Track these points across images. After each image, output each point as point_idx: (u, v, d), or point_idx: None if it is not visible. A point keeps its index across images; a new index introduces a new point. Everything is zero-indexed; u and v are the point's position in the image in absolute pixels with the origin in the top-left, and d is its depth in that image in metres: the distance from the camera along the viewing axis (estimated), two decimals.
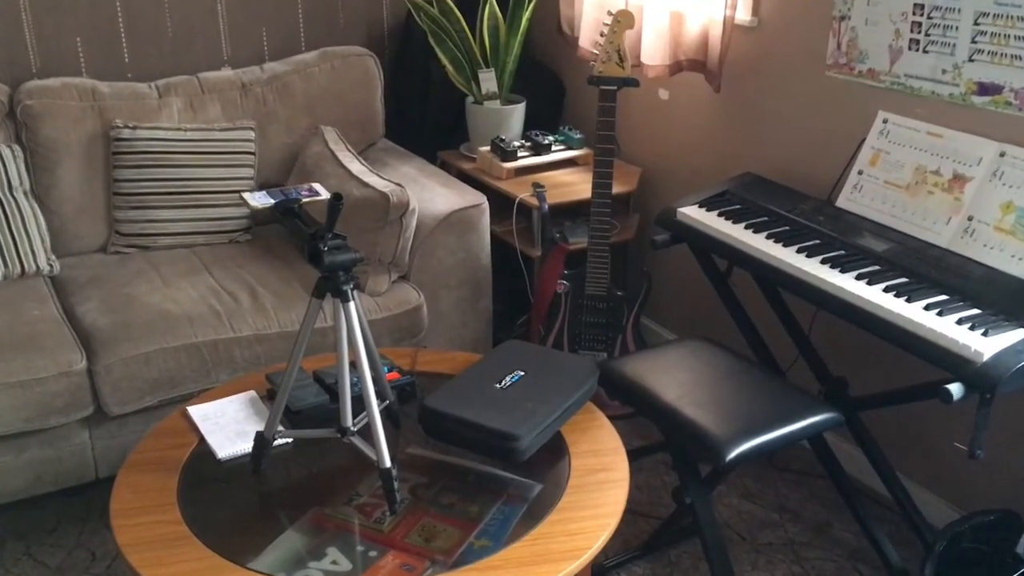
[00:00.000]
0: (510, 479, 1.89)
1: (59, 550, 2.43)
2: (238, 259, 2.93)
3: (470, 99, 3.32)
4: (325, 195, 1.86)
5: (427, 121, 3.58)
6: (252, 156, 3.09)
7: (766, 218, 2.44)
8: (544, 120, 3.48)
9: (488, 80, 3.21)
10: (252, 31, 3.40)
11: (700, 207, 2.54)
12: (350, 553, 1.76)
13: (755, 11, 2.69)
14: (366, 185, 2.81)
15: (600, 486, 1.81)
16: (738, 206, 2.52)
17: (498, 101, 3.25)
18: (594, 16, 3.06)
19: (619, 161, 3.30)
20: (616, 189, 2.99)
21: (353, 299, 1.70)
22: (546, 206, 2.89)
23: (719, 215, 2.48)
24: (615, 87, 2.59)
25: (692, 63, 2.84)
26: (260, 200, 1.82)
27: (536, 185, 3.01)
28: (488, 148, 3.20)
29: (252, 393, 2.10)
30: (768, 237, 2.34)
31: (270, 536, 1.71)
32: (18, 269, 2.78)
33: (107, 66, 3.20)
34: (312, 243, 1.68)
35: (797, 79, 2.62)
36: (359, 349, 1.71)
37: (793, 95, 2.64)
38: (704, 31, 2.77)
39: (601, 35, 2.61)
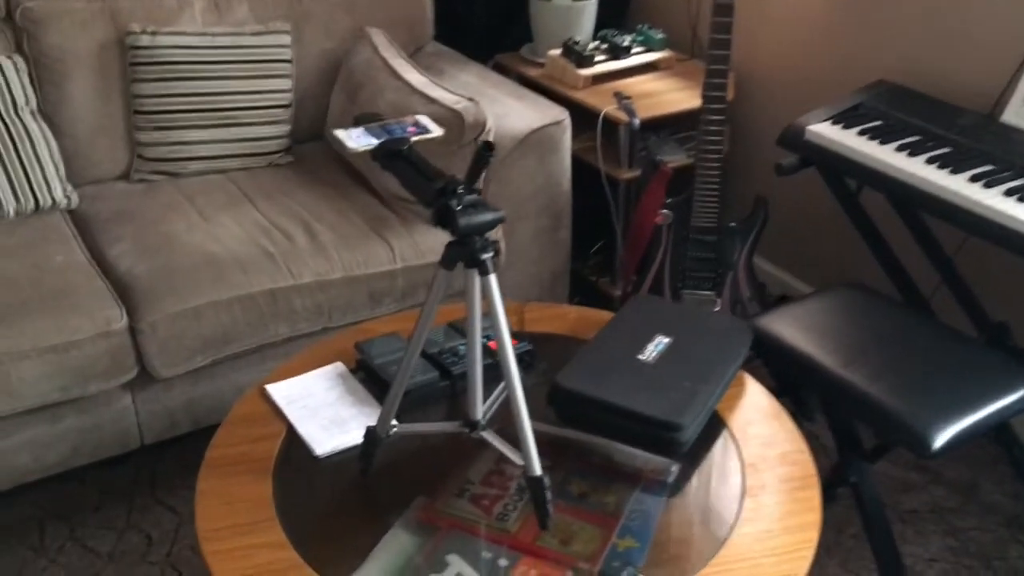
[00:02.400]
0: (644, 458, 1.59)
1: (108, 533, 2.14)
2: (283, 187, 2.55)
3: None
4: (437, 131, 1.49)
5: (477, 18, 3.15)
6: (289, 65, 2.67)
7: (919, 137, 2.09)
8: (608, 17, 3.04)
9: None
10: None
11: (834, 124, 2.17)
12: (475, 561, 1.48)
13: None
14: (432, 101, 2.42)
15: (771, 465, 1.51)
16: (879, 122, 2.16)
17: None
18: None
19: (701, 62, 2.90)
20: (697, 96, 2.63)
21: (493, 271, 1.35)
22: (637, 121, 2.52)
23: (860, 134, 2.12)
24: None
25: None
26: (359, 140, 1.45)
27: (620, 96, 2.62)
28: (559, 52, 2.79)
29: (339, 366, 1.77)
30: (930, 162, 1.99)
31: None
32: (32, 203, 2.39)
33: None
34: (441, 200, 1.32)
35: None
36: (502, 335, 1.37)
37: None
38: None
39: None
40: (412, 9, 2.89)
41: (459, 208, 1.31)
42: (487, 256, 1.33)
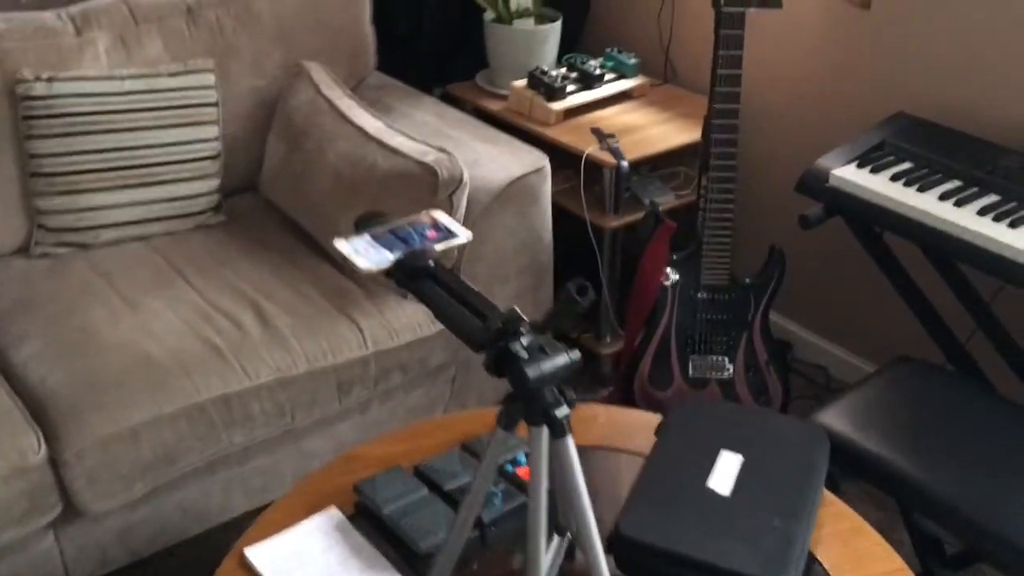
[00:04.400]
0: None
1: None
2: (219, 255, 2.17)
3: (489, 16, 2.57)
4: (464, 235, 1.16)
5: (421, 44, 2.81)
6: (215, 109, 2.29)
7: (959, 182, 1.86)
8: (564, 40, 2.73)
9: None
10: None
11: (859, 167, 1.93)
12: None
13: None
14: (395, 152, 2.08)
15: None
16: (909, 164, 1.92)
17: (531, 20, 2.51)
18: None
19: (675, 87, 2.64)
20: (682, 128, 2.38)
21: (569, 430, 1.03)
22: (625, 164, 2.23)
23: (892, 179, 1.88)
24: (745, 8, 1.91)
25: None
26: (370, 255, 1.11)
27: (601, 133, 2.33)
28: (524, 83, 2.47)
29: (333, 514, 1.42)
30: (982, 213, 1.76)
31: None
32: None
33: None
34: (499, 344, 0.99)
35: None
36: (584, 517, 1.05)
37: (975, 10, 2.00)
38: None
39: None
40: (352, 38, 2.53)
41: (526, 356, 0.99)
42: (563, 413, 1.01)
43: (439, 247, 1.13)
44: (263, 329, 1.92)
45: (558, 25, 2.55)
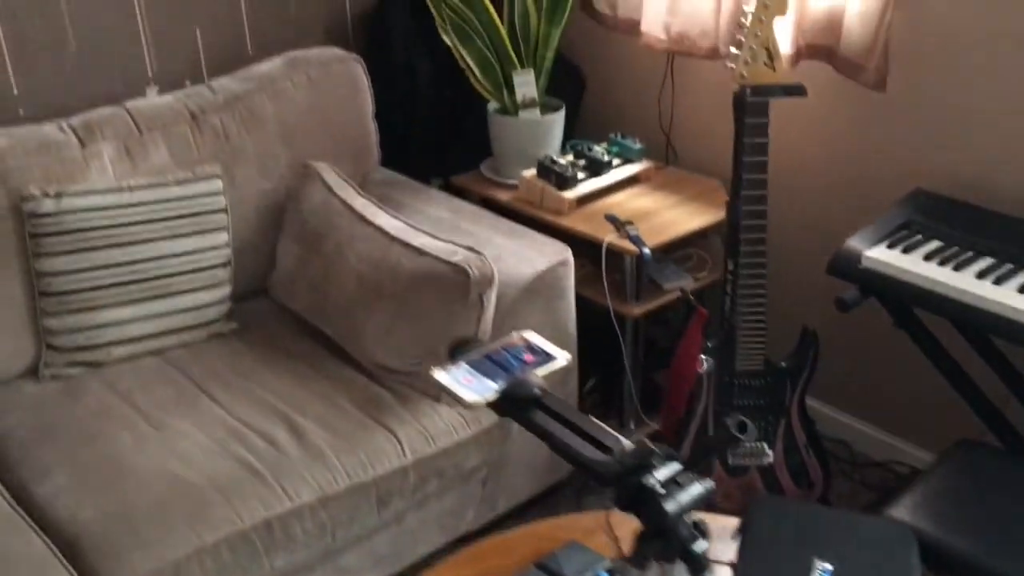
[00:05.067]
0: None
1: None
2: (238, 367, 2.10)
3: (493, 107, 2.57)
4: (562, 357, 1.13)
5: (414, 135, 2.79)
6: (224, 215, 2.23)
7: (992, 259, 1.88)
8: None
9: (525, 84, 2.46)
10: (182, 35, 2.50)
11: (890, 247, 1.94)
12: None
13: None
14: (420, 252, 2.04)
15: None
16: (939, 242, 1.94)
17: (537, 110, 2.51)
18: None
19: (678, 170, 2.65)
20: (695, 211, 2.38)
21: (707, 566, 0.98)
22: (647, 251, 2.22)
23: (926, 259, 1.89)
24: (769, 99, 1.92)
25: (816, 49, 2.21)
26: (474, 387, 1.06)
27: (617, 221, 2.32)
28: (534, 172, 2.46)
29: None
30: (1022, 291, 1.77)
31: None
32: None
33: None
34: (632, 479, 0.95)
35: (1001, 61, 2.00)
36: None
37: (994, 83, 2.03)
38: (835, 6, 2.14)
39: (740, 25, 1.94)
40: (356, 135, 2.50)
41: (663, 490, 0.94)
42: (702, 548, 0.97)
43: (540, 372, 1.09)
44: (300, 446, 1.85)
45: (562, 114, 2.56)
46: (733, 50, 1.95)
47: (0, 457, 1.85)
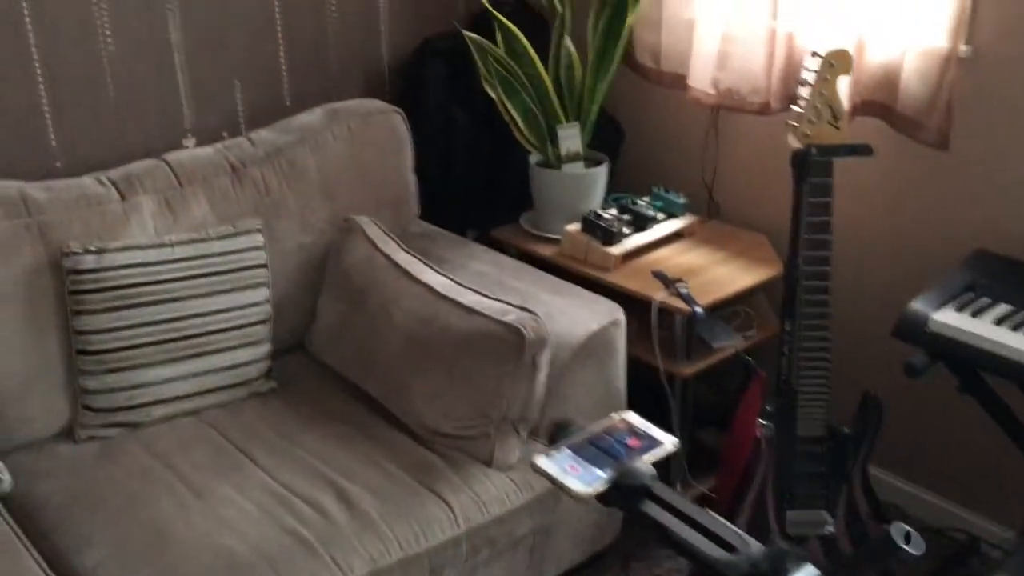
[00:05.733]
0: None
1: None
2: (280, 427, 2.03)
3: (535, 159, 2.53)
4: (669, 442, 1.06)
5: (450, 187, 2.75)
6: (265, 270, 2.18)
7: None
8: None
9: (570, 137, 2.42)
10: (221, 87, 2.46)
11: (959, 311, 1.89)
12: None
13: (969, 38, 2.04)
14: (471, 311, 1.98)
15: None
16: (1009, 306, 1.89)
17: (581, 163, 2.47)
18: (713, 48, 2.34)
19: (721, 223, 2.61)
20: (744, 268, 2.33)
21: None
22: (700, 310, 2.16)
23: (996, 323, 1.84)
24: (832, 159, 1.88)
25: (871, 106, 2.18)
26: (583, 477, 1.00)
27: (665, 278, 2.27)
28: (578, 227, 2.42)
29: None
30: None
31: None
32: None
33: (25, 154, 2.19)
34: None
35: None
36: None
37: None
38: (894, 63, 2.11)
39: (801, 84, 1.90)
40: (396, 188, 2.46)
41: None
42: None
43: (647, 458, 1.03)
44: (350, 514, 1.78)
45: (606, 168, 2.52)
46: (795, 108, 1.91)
47: (37, 524, 1.77)
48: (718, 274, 2.34)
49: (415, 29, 2.72)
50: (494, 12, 2.36)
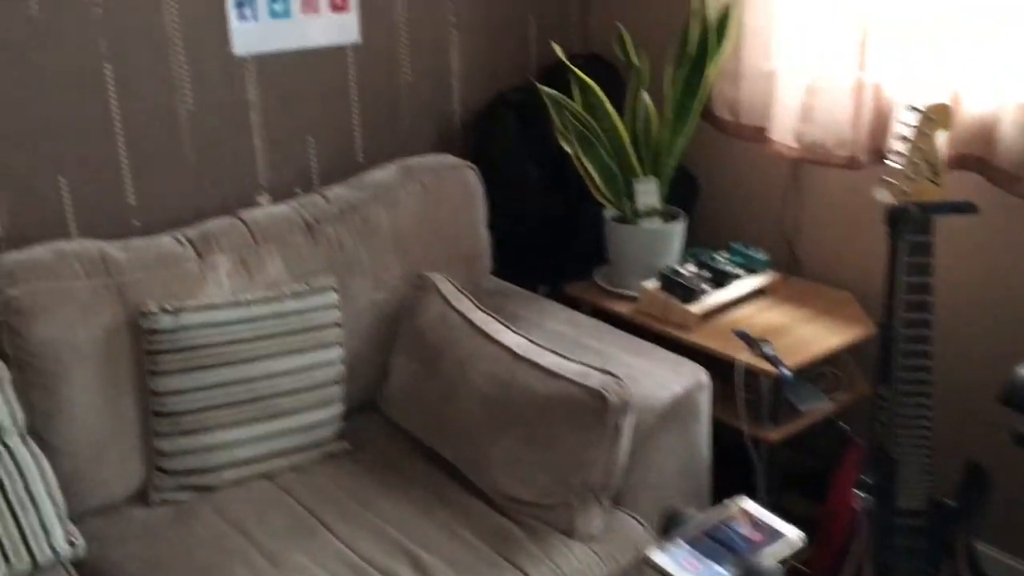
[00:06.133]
0: None
1: None
2: (354, 492, 1.98)
3: (611, 214, 2.47)
4: (795, 536, 0.99)
5: (522, 242, 2.70)
6: (339, 329, 2.15)
7: None
8: None
9: (648, 192, 2.37)
10: (295, 144, 2.46)
11: None
12: None
13: None
14: (551, 374, 1.92)
15: None
16: None
17: (658, 218, 2.41)
18: (796, 100, 2.27)
19: (803, 280, 2.52)
20: (831, 327, 2.23)
21: None
22: (787, 371, 2.07)
23: None
24: (933, 216, 1.79)
25: (966, 159, 2.09)
26: (701, 572, 0.93)
27: (749, 338, 2.19)
28: (657, 284, 2.35)
29: None
30: None
31: None
32: (27, 562, 1.75)
33: (104, 213, 2.20)
34: None
35: None
36: None
37: None
38: (989, 116, 2.03)
39: (897, 138, 1.82)
40: (469, 245, 2.42)
41: None
42: None
43: (771, 552, 0.95)
44: None
45: (684, 223, 2.45)
46: (888, 162, 1.83)
47: None
48: (803, 333, 2.25)
49: (487, 83, 2.71)
50: (571, 67, 2.32)
